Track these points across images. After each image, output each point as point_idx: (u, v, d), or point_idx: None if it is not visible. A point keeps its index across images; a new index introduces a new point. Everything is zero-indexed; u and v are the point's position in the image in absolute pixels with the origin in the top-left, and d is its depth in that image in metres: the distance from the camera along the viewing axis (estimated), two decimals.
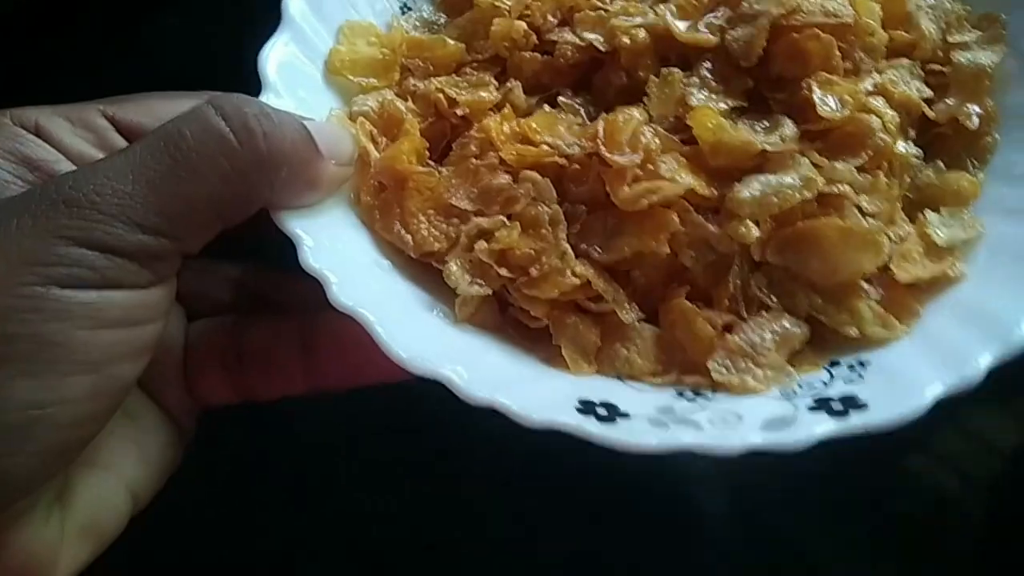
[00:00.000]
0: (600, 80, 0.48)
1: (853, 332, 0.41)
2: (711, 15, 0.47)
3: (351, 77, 0.48)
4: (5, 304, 0.32)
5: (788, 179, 0.42)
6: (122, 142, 0.42)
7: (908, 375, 0.37)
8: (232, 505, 0.56)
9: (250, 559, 0.55)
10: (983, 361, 0.35)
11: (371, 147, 0.45)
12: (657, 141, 0.43)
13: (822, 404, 0.37)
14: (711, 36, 0.45)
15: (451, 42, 0.49)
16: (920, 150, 0.46)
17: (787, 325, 0.41)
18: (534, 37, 0.49)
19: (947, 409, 0.35)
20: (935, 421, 0.35)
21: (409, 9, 0.53)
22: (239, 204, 0.38)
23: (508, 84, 0.48)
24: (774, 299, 0.42)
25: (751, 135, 0.43)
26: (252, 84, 0.44)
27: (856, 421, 0.35)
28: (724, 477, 0.54)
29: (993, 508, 0.59)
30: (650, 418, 0.37)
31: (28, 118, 0.41)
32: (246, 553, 0.55)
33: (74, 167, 0.41)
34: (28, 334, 0.33)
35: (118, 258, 0.34)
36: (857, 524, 0.57)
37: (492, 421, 0.35)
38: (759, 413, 0.37)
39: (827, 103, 0.43)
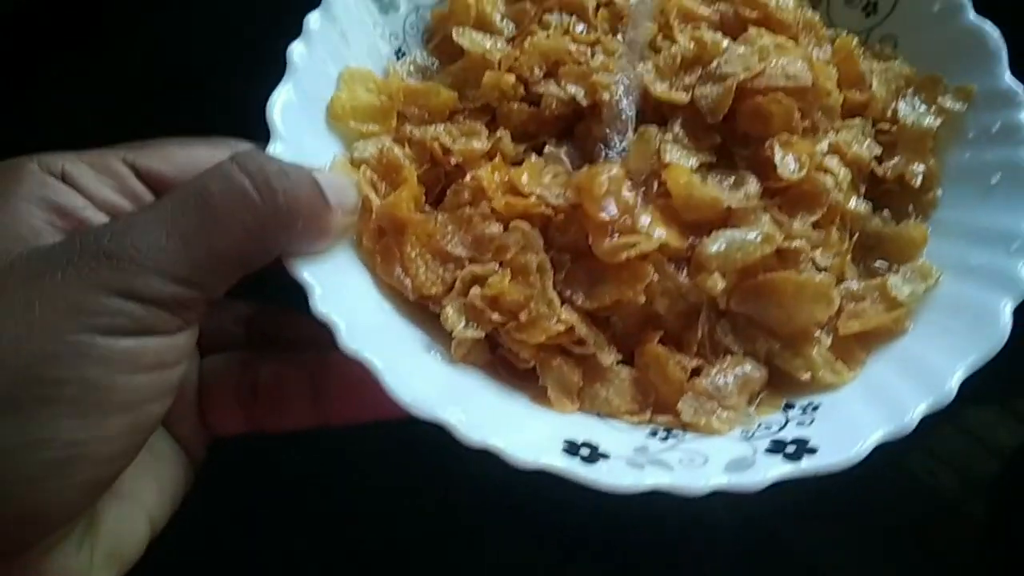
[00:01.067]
0: (581, 131, 0.52)
1: (806, 376, 0.46)
2: (684, 75, 0.51)
3: (352, 123, 0.51)
4: (54, 351, 0.36)
5: (750, 235, 0.46)
6: (142, 187, 0.45)
7: (853, 421, 0.42)
8: (233, 529, 0.59)
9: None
10: (918, 412, 0.41)
11: (372, 194, 0.48)
12: (635, 196, 0.47)
13: (777, 446, 0.42)
14: (683, 95, 0.50)
15: (445, 90, 0.53)
16: (870, 204, 0.51)
17: (748, 369, 0.46)
18: (522, 88, 0.52)
19: (947, 409, 0.38)
20: (935, 421, 0.38)
21: (404, 54, 0.56)
22: (260, 255, 0.42)
23: (498, 133, 0.52)
24: (737, 344, 0.47)
25: (719, 192, 0.48)
26: (254, 81, 0.47)
27: (806, 465, 0.40)
28: None
29: (993, 508, 0.62)
30: (627, 459, 0.41)
31: (55, 165, 0.44)
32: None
33: (99, 212, 0.44)
34: (74, 378, 0.36)
35: (154, 307, 0.38)
36: (857, 524, 0.60)
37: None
38: (723, 454, 0.42)
39: (786, 164, 0.48)
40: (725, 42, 0.51)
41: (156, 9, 0.73)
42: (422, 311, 0.48)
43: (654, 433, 0.45)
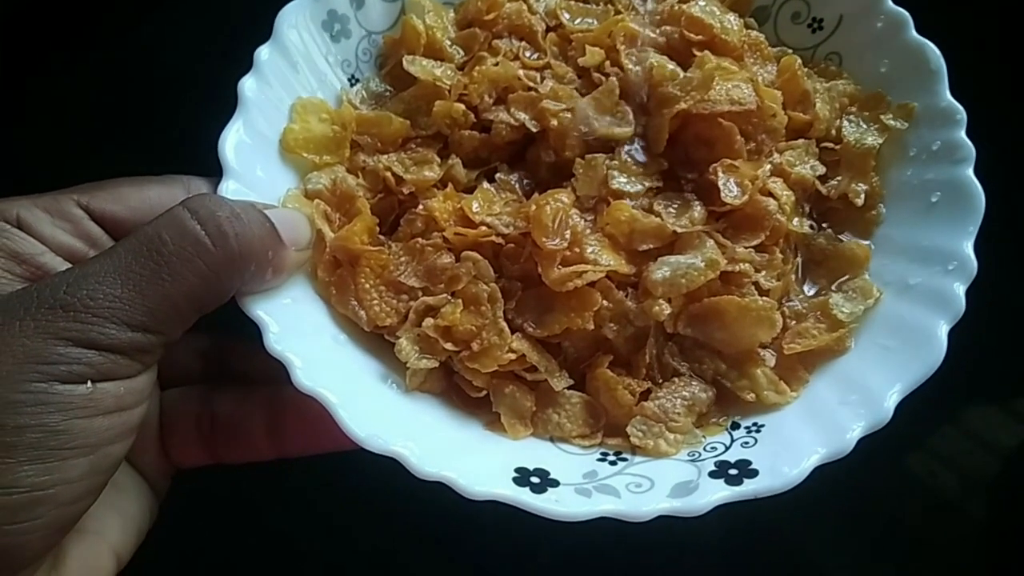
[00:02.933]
0: (532, 156, 0.53)
1: (751, 396, 0.47)
2: (627, 106, 0.52)
3: (305, 154, 0.52)
4: (14, 399, 0.37)
5: (694, 260, 0.47)
6: (97, 230, 0.46)
7: (794, 443, 0.44)
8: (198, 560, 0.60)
9: None
10: (854, 434, 0.42)
11: (326, 228, 0.49)
12: (583, 223, 0.49)
13: (721, 468, 0.43)
14: (626, 129, 0.51)
15: (397, 119, 0.54)
16: (814, 222, 0.52)
17: (695, 390, 0.47)
18: (472, 116, 0.53)
19: (946, 409, 0.38)
20: (935, 421, 0.38)
21: (357, 81, 0.57)
22: (215, 298, 0.43)
23: (450, 160, 0.53)
24: (685, 366, 0.48)
25: (663, 218, 0.49)
26: (212, 112, 0.48)
27: (747, 488, 0.41)
28: None
29: (993, 508, 0.63)
30: (576, 486, 0.43)
31: (9, 212, 0.45)
32: None
33: (56, 257, 0.45)
34: (35, 425, 0.37)
35: (111, 354, 0.39)
36: (857, 524, 0.61)
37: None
38: (669, 478, 0.43)
39: (730, 189, 0.49)
40: (671, 66, 0.52)
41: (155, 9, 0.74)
42: (378, 341, 0.49)
43: (604, 456, 0.46)
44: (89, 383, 0.38)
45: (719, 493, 0.41)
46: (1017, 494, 0.62)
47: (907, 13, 0.54)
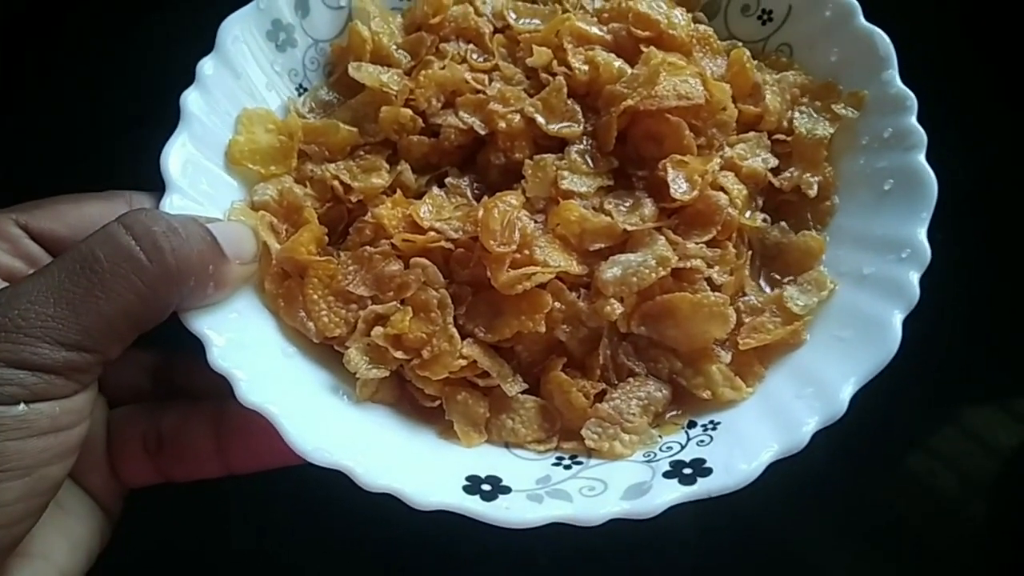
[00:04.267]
0: (482, 160, 0.53)
1: (706, 394, 0.46)
2: (574, 103, 0.51)
3: (251, 165, 0.52)
4: None
5: (646, 258, 0.47)
6: (36, 248, 0.46)
7: (748, 439, 0.43)
8: None
9: None
10: (809, 428, 0.41)
11: (272, 240, 0.48)
12: (532, 225, 0.48)
13: (676, 468, 0.42)
14: (575, 129, 0.50)
15: (344, 127, 0.53)
16: (768, 216, 0.52)
17: (651, 390, 0.47)
18: (420, 121, 0.53)
19: (946, 409, 0.37)
20: (935, 421, 0.37)
21: (305, 90, 0.56)
22: (153, 314, 0.42)
23: (399, 166, 0.52)
24: (640, 365, 0.47)
25: (614, 216, 0.48)
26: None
27: (700, 488, 0.41)
28: None
29: (993, 508, 0.62)
30: (528, 492, 0.42)
31: None
32: None
33: None
34: None
35: (45, 374, 0.38)
36: (856, 524, 0.61)
37: None
38: (623, 480, 0.43)
39: (679, 185, 0.48)
40: (618, 63, 0.51)
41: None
42: (328, 352, 0.48)
43: (559, 461, 0.46)
44: (22, 404, 0.37)
45: (672, 494, 0.40)
46: (1017, 494, 0.62)
47: (855, 1, 0.54)
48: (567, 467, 0.45)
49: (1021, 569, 0.60)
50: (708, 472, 0.41)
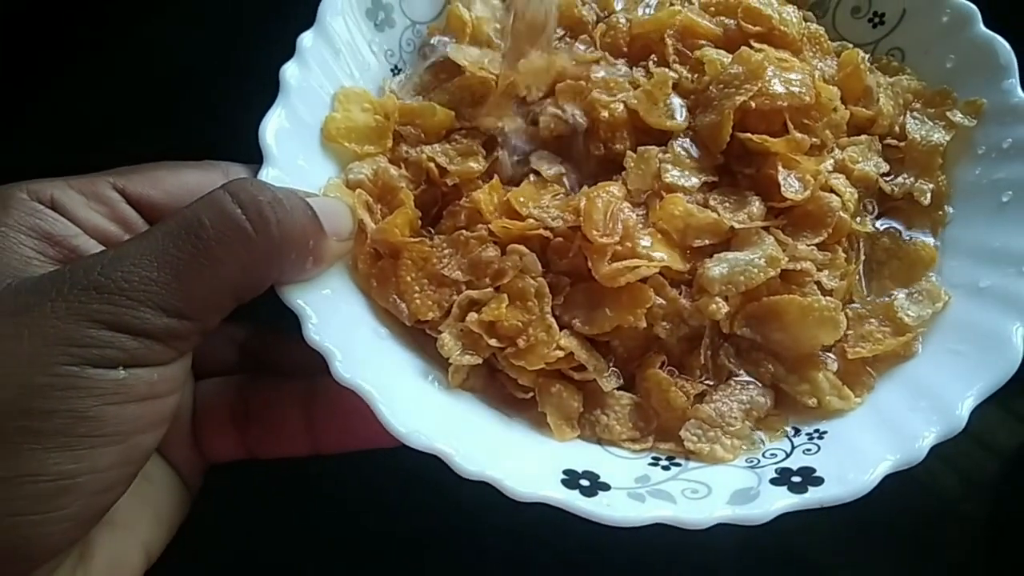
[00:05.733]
0: (579, 149, 0.51)
1: (812, 402, 0.45)
2: (679, 100, 0.50)
3: (347, 144, 0.51)
4: (43, 382, 0.35)
5: (753, 257, 0.45)
6: (132, 213, 0.45)
7: (861, 450, 0.41)
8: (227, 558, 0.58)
9: None
10: (927, 441, 0.40)
11: (368, 218, 0.47)
12: (635, 217, 0.46)
13: (783, 476, 0.41)
14: (679, 122, 0.49)
15: (441, 110, 0.52)
16: (878, 222, 0.50)
17: (753, 394, 0.45)
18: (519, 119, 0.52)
19: None
20: None
21: (400, 71, 0.55)
22: (254, 285, 0.41)
23: (496, 153, 0.51)
24: (742, 368, 0.46)
25: (719, 213, 0.46)
26: (245, 89, 0.47)
27: (812, 496, 0.39)
28: None
29: (993, 508, 0.61)
30: (629, 491, 0.40)
31: (44, 192, 0.43)
32: None
33: (90, 240, 0.43)
34: (64, 410, 0.35)
35: (145, 339, 0.37)
36: (856, 524, 0.59)
37: None
38: (727, 484, 0.41)
39: (791, 184, 0.47)
40: (725, 59, 0.50)
41: (149, 20, 0.73)
42: (419, 335, 0.47)
43: (656, 461, 0.44)
44: (122, 368, 0.36)
45: (783, 500, 0.38)
46: (1017, 494, 0.61)
47: (974, 7, 0.52)
48: (665, 468, 0.43)
49: (1021, 569, 0.59)
50: (820, 481, 0.40)
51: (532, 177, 0.50)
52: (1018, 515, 0.60)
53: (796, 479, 0.40)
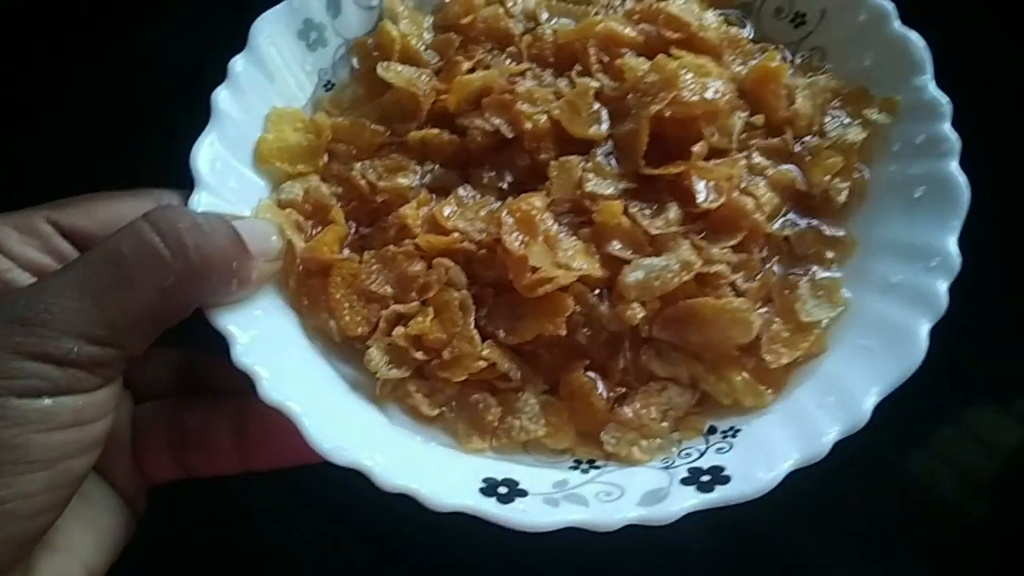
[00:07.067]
0: (508, 160, 0.52)
1: (728, 401, 0.46)
2: (600, 108, 0.51)
3: (279, 164, 0.52)
4: None
5: (668, 263, 0.46)
6: (66, 245, 0.46)
7: (768, 447, 0.42)
8: None
9: None
10: (830, 438, 0.41)
11: (296, 238, 0.49)
12: (557, 227, 0.48)
13: (693, 475, 0.42)
14: (600, 130, 0.50)
15: (372, 126, 0.53)
16: (795, 220, 0.51)
17: (673, 395, 0.47)
18: (446, 135, 0.53)
19: (946, 409, 0.37)
20: (935, 421, 0.36)
21: (333, 85, 0.57)
22: (177, 310, 0.43)
23: (425, 166, 0.52)
24: (663, 369, 0.47)
25: (638, 221, 0.48)
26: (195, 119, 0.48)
27: (718, 495, 0.40)
28: None
29: (993, 508, 0.62)
30: (545, 496, 0.42)
31: None
32: None
33: (24, 272, 0.45)
34: None
35: (69, 368, 0.39)
36: (856, 524, 0.60)
37: None
38: (640, 485, 0.42)
39: (704, 192, 0.48)
40: (644, 67, 0.51)
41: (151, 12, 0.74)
42: (350, 350, 0.49)
43: (577, 465, 0.45)
44: (46, 397, 0.38)
45: (689, 500, 0.40)
46: (1017, 494, 0.61)
47: (891, 4, 0.53)
48: (584, 471, 0.45)
49: (1021, 569, 0.59)
50: (726, 480, 0.41)
51: (460, 189, 0.52)
52: (1018, 515, 0.61)
53: (705, 478, 0.42)
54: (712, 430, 0.46)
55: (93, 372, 0.40)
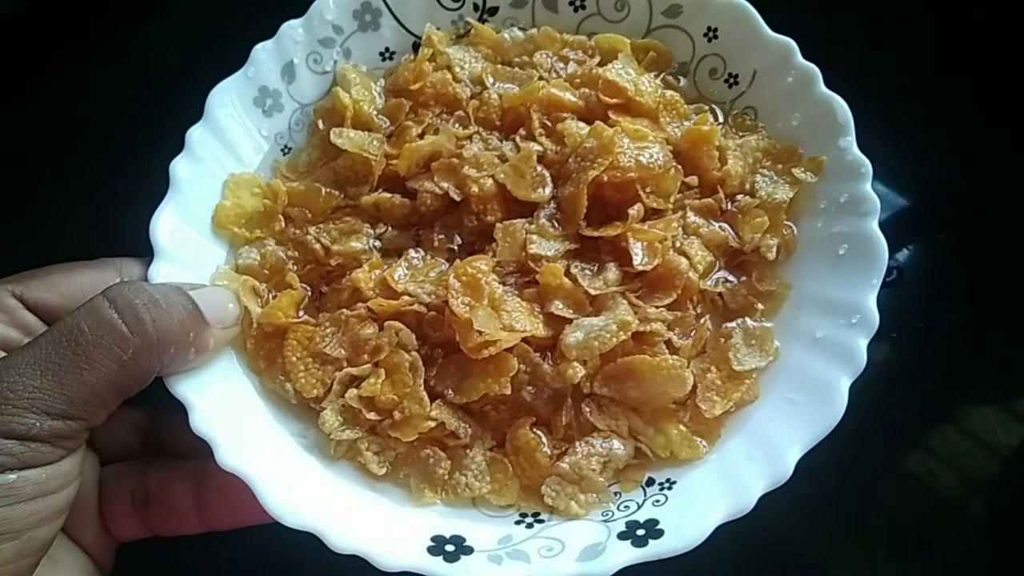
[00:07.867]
0: (457, 221, 0.55)
1: (665, 453, 0.49)
2: (543, 169, 0.53)
3: (236, 229, 0.54)
4: None
5: (607, 323, 0.49)
6: (31, 318, 0.48)
7: (700, 500, 0.45)
8: None
9: None
10: (755, 492, 0.44)
11: (253, 304, 0.51)
12: (501, 289, 0.50)
13: (630, 529, 0.45)
14: (544, 194, 0.53)
15: (326, 191, 0.56)
16: (727, 278, 0.54)
17: (613, 447, 0.49)
18: (398, 198, 0.55)
19: (947, 409, 0.37)
20: (935, 421, 0.36)
21: (290, 149, 0.59)
22: (136, 382, 0.45)
23: (377, 229, 0.55)
24: (604, 423, 0.50)
25: (579, 281, 0.51)
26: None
27: (651, 550, 0.43)
28: None
29: (993, 508, 0.63)
30: (490, 553, 0.44)
31: None
32: None
33: None
34: None
35: (32, 443, 0.41)
36: (857, 524, 0.61)
37: None
38: (579, 540, 0.45)
39: (639, 254, 0.51)
40: (584, 131, 0.54)
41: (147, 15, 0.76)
42: (305, 409, 0.51)
43: (522, 519, 0.48)
44: (11, 472, 0.40)
45: (625, 554, 0.43)
46: (1017, 494, 0.63)
47: (816, 68, 0.56)
48: (529, 526, 0.47)
49: (1021, 569, 0.60)
50: (660, 534, 0.44)
51: (412, 251, 0.54)
52: (1018, 515, 0.62)
53: (640, 532, 0.44)
54: (650, 481, 0.49)
55: (56, 445, 0.42)
